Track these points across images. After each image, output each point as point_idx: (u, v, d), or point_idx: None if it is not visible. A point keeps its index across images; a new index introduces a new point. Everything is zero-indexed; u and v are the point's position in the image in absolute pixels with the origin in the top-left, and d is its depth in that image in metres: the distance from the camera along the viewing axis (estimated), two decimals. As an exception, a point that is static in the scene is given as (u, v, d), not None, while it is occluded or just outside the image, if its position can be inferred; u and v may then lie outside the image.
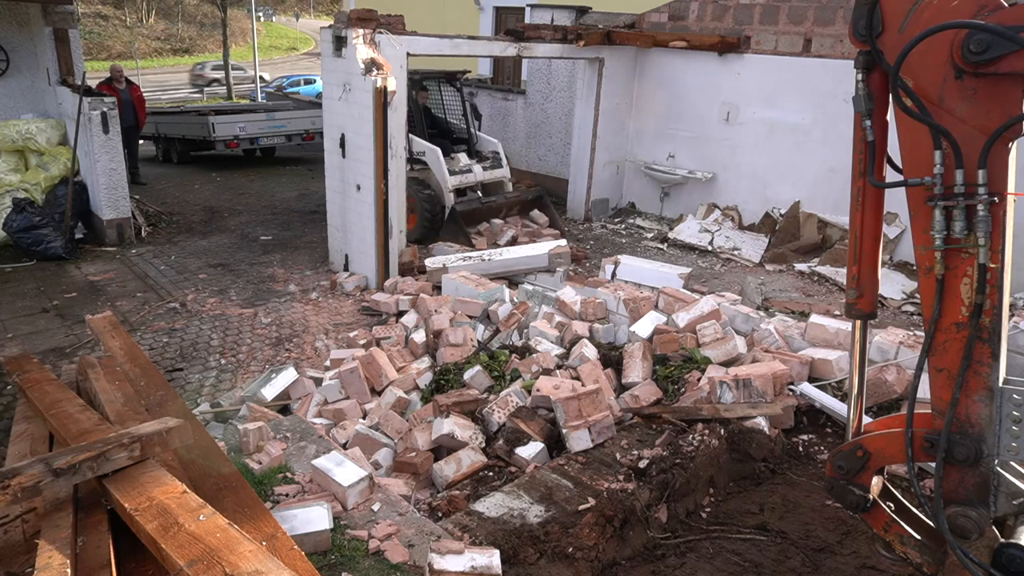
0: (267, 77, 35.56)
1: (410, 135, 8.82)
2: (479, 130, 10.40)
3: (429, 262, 7.61)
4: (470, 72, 10.30)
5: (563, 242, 7.78)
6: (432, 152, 9.20)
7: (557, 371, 5.02)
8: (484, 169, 9.71)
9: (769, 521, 3.67)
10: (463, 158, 9.67)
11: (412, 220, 9.68)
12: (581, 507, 3.42)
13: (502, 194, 9.82)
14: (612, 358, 5.24)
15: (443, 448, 4.42)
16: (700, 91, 10.03)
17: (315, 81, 28.73)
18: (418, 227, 8.99)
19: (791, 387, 4.63)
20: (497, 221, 9.45)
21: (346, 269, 8.32)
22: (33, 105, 9.90)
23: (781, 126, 9.35)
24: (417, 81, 9.61)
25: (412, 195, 8.92)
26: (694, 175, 10.15)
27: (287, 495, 3.34)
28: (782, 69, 9.24)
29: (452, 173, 9.22)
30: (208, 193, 12.53)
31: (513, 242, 9.04)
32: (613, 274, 7.35)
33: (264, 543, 2.46)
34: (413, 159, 9.03)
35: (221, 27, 36.52)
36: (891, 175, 2.21)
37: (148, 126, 13.50)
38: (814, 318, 5.27)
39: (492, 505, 3.42)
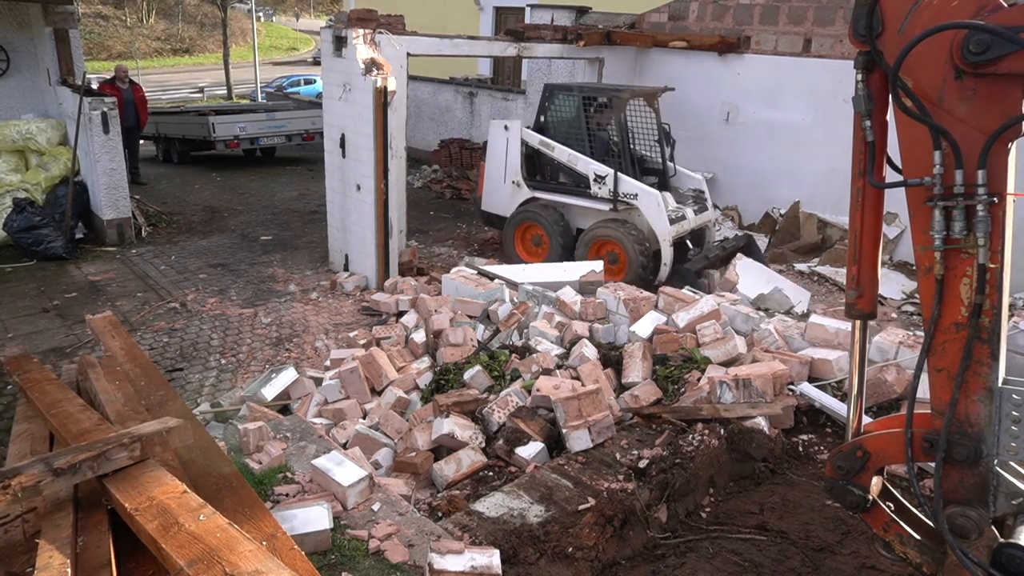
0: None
1: (618, 174, 7.68)
2: (671, 159, 8.61)
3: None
4: (673, 89, 8.68)
5: (598, 266, 6.94)
6: (649, 197, 7.64)
7: (557, 371, 5.02)
8: (695, 213, 8.13)
9: (769, 521, 3.67)
10: (670, 200, 7.96)
11: (544, 249, 8.34)
12: (581, 507, 3.42)
13: (718, 243, 8.30)
14: (612, 358, 5.24)
15: (443, 448, 4.42)
16: (700, 91, 10.04)
17: (315, 81, 28.73)
18: (629, 277, 7.47)
19: (791, 387, 4.63)
20: (715, 273, 7.72)
21: (346, 269, 8.32)
22: (33, 105, 9.91)
23: (781, 126, 9.36)
24: (624, 100, 8.04)
25: (619, 240, 7.69)
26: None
27: (287, 495, 3.34)
28: (782, 69, 9.25)
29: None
30: (208, 193, 12.53)
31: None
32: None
33: (264, 543, 2.46)
34: (617, 199, 7.71)
35: (221, 27, 36.50)
36: (891, 175, 2.21)
37: (148, 126, 13.51)
38: (814, 318, 5.26)
39: (492, 505, 3.42)
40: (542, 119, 8.51)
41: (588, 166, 7.91)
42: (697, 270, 7.51)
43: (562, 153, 8.13)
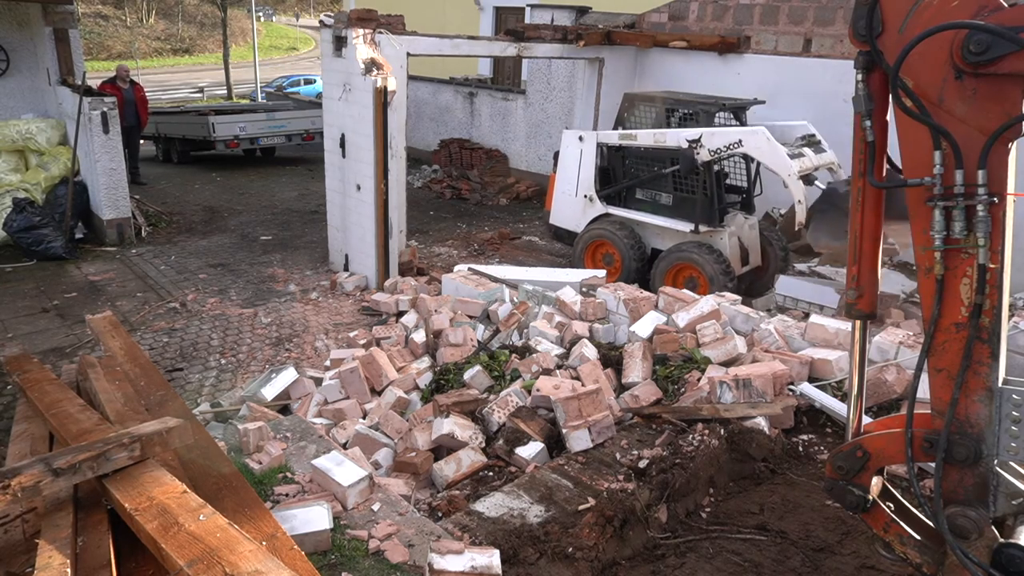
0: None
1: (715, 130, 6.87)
2: (758, 178, 7.99)
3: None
4: (764, 102, 7.99)
5: (601, 273, 6.77)
6: (755, 136, 6.65)
7: (557, 371, 5.02)
8: (815, 153, 7.30)
9: (769, 521, 3.67)
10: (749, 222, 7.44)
11: (616, 268, 7.69)
12: (581, 507, 3.42)
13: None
14: (612, 358, 5.23)
15: (443, 448, 4.42)
16: (700, 91, 10.03)
17: (315, 81, 28.76)
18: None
19: (791, 387, 4.63)
20: None
21: (346, 269, 8.32)
22: (33, 105, 9.91)
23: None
24: (712, 113, 7.29)
25: (699, 264, 7.00)
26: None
27: (287, 495, 3.34)
28: (782, 69, 9.25)
29: None
30: (208, 193, 12.53)
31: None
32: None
33: (264, 543, 2.46)
34: (720, 154, 6.80)
35: (221, 27, 36.51)
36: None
37: (148, 126, 13.53)
38: (814, 318, 5.26)
39: (492, 505, 3.42)
40: (620, 131, 8.02)
41: (678, 135, 7.10)
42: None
43: (646, 136, 7.41)
